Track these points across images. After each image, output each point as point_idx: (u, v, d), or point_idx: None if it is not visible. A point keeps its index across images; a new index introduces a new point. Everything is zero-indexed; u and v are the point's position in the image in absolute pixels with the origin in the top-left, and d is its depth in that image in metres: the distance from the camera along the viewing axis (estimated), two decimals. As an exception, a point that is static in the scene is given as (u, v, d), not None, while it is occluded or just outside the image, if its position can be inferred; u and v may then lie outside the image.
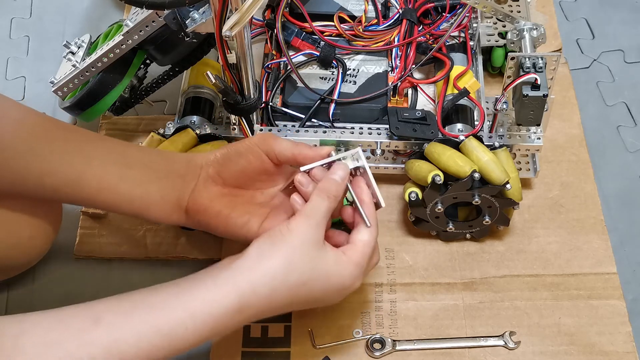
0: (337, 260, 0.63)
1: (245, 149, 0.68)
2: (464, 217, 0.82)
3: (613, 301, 0.79)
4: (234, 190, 0.69)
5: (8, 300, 0.82)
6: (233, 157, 0.68)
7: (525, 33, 0.82)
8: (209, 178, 0.68)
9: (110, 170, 0.67)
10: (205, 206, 0.68)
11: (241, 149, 0.68)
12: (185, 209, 0.69)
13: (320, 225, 0.62)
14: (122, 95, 0.82)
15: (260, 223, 0.67)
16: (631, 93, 0.97)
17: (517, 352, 0.76)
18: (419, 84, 0.84)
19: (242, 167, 0.68)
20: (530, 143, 0.80)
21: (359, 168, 0.67)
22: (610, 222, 0.85)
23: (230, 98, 0.73)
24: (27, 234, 0.71)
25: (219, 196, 0.68)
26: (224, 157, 0.69)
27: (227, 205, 0.68)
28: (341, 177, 0.65)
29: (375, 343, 0.76)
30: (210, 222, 0.68)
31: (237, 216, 0.67)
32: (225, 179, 0.69)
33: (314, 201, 0.63)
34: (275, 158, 0.68)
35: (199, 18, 0.66)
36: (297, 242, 0.61)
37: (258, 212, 0.68)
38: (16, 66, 1.04)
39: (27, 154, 0.64)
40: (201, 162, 0.69)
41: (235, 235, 0.68)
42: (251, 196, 0.70)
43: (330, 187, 0.64)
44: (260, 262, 0.60)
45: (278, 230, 0.62)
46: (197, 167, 0.69)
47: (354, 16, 0.88)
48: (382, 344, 0.76)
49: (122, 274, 0.84)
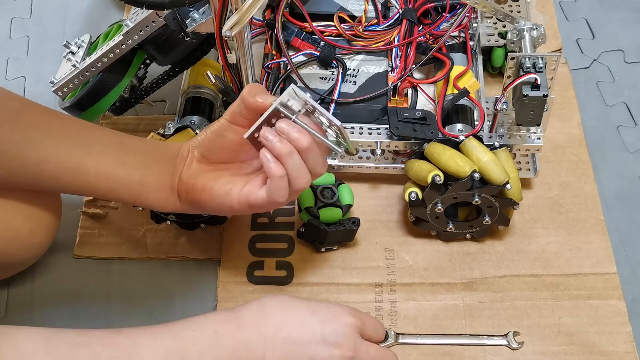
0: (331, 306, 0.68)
1: (220, 127, 0.67)
2: (464, 217, 0.82)
3: (613, 301, 0.79)
4: (219, 166, 0.69)
5: (8, 299, 0.82)
6: (211, 138, 0.68)
7: (525, 33, 0.82)
8: (194, 159, 0.69)
9: (109, 156, 0.68)
10: (192, 184, 0.68)
11: (217, 129, 0.68)
12: (177, 193, 0.69)
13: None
14: (122, 95, 0.82)
15: (241, 187, 0.66)
16: (631, 93, 0.97)
17: (517, 352, 0.76)
18: (419, 84, 0.84)
19: (220, 144, 0.68)
20: (530, 143, 0.80)
21: (305, 105, 0.62)
22: (610, 222, 0.85)
23: (230, 98, 0.73)
24: (27, 228, 0.72)
25: (202, 173, 0.68)
26: (204, 139, 0.68)
27: (210, 178, 0.68)
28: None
29: None
30: (200, 199, 0.68)
31: (220, 186, 0.67)
32: (210, 159, 0.69)
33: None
34: (244, 120, 0.65)
35: (199, 18, 0.66)
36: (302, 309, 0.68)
37: (241, 180, 0.67)
38: (16, 66, 1.04)
39: (25, 144, 0.65)
40: (187, 146, 0.70)
41: (223, 207, 0.67)
42: (238, 168, 0.69)
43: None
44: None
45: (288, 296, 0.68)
46: (185, 151, 0.70)
47: (354, 16, 0.88)
48: (385, 336, 0.76)
49: (122, 274, 0.84)
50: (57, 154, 0.66)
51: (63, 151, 0.66)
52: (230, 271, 0.83)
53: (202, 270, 0.84)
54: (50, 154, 0.66)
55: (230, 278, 0.82)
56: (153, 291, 0.83)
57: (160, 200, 0.70)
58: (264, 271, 0.83)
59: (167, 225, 0.83)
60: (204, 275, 0.83)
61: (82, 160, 0.67)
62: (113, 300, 0.82)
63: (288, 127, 0.62)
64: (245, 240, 0.84)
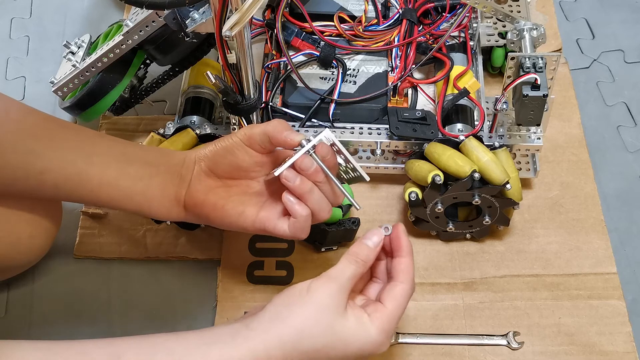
0: (358, 326, 0.60)
1: (231, 145, 0.67)
2: (464, 217, 0.82)
3: (613, 301, 0.79)
4: (229, 181, 0.69)
5: (8, 300, 0.82)
6: (221, 153, 0.68)
7: (525, 33, 0.82)
8: (202, 172, 0.69)
9: (111, 166, 0.67)
10: (201, 200, 0.68)
11: (228, 146, 0.67)
12: (183, 204, 0.69)
13: (343, 289, 0.60)
14: (122, 95, 0.82)
15: (256, 213, 0.67)
16: (631, 93, 0.97)
17: (517, 352, 0.76)
18: (419, 84, 0.84)
19: (230, 162, 0.68)
20: (530, 143, 0.80)
21: (333, 145, 0.64)
22: (610, 222, 0.85)
23: (230, 98, 0.73)
24: (27, 233, 0.72)
25: (213, 188, 0.68)
26: (215, 154, 0.68)
27: (222, 196, 0.68)
28: (375, 243, 0.63)
29: None
30: (208, 215, 0.68)
31: (232, 207, 0.67)
32: (218, 173, 0.69)
33: (341, 264, 0.62)
34: (261, 148, 0.67)
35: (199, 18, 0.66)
36: (312, 308, 0.59)
37: (253, 202, 0.68)
38: (16, 66, 1.04)
39: (28, 154, 0.64)
40: (194, 157, 0.69)
41: (233, 226, 0.68)
42: (247, 185, 0.69)
43: (360, 252, 0.62)
44: (273, 325, 0.59)
45: (298, 290, 0.61)
46: (192, 163, 0.69)
47: (354, 16, 0.88)
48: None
49: (122, 274, 0.84)
50: (60, 163, 0.66)
51: (66, 161, 0.66)
52: (230, 271, 0.83)
53: (202, 270, 0.84)
54: (52, 164, 0.65)
55: (230, 278, 0.82)
56: (153, 291, 0.83)
57: (164, 210, 0.69)
58: (264, 271, 0.83)
59: (167, 225, 0.83)
60: (204, 275, 0.83)
61: (85, 170, 0.66)
62: (113, 300, 0.82)
63: (309, 164, 0.63)
64: (245, 240, 0.84)
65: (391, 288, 0.63)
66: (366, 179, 0.65)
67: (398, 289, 0.62)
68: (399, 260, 0.64)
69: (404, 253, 0.64)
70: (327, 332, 0.59)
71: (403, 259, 0.64)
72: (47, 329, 0.80)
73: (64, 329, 0.80)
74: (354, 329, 0.60)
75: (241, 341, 0.59)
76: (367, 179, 0.65)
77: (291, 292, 0.61)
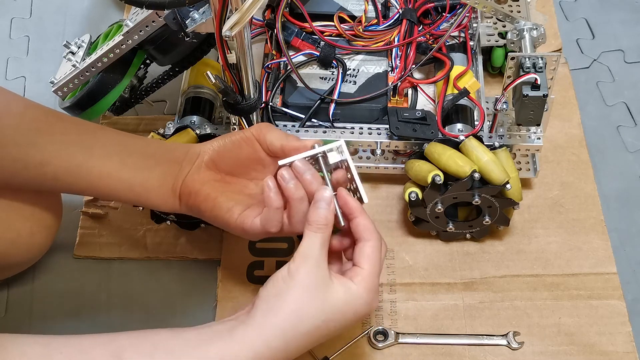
0: (347, 293, 0.61)
1: (240, 138, 0.68)
2: (464, 217, 0.82)
3: (613, 301, 0.79)
4: (227, 177, 0.70)
5: (8, 299, 0.82)
6: (228, 146, 0.69)
7: (525, 33, 0.82)
8: (203, 164, 0.69)
9: (112, 157, 0.68)
10: (196, 189, 0.68)
11: (237, 139, 0.68)
12: (178, 194, 0.70)
13: (320, 262, 0.61)
14: (122, 95, 0.82)
15: (241, 211, 0.67)
16: (631, 93, 0.97)
17: (517, 352, 0.76)
18: (419, 84, 0.84)
19: (235, 155, 0.69)
20: (530, 143, 0.80)
21: (343, 161, 0.65)
22: (610, 222, 0.85)
23: (230, 98, 0.73)
24: (27, 229, 0.72)
25: (210, 181, 0.69)
26: (220, 146, 0.69)
27: (217, 189, 0.68)
28: (326, 202, 0.63)
29: (378, 335, 0.77)
30: (200, 206, 0.68)
31: (224, 201, 0.68)
32: (219, 166, 0.69)
33: (307, 238, 0.61)
34: (267, 148, 0.68)
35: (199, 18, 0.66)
36: (301, 290, 0.59)
37: (244, 202, 0.68)
38: (16, 66, 1.04)
39: (28, 146, 0.65)
40: (199, 149, 0.70)
41: (219, 220, 0.68)
42: (244, 185, 0.70)
43: (318, 218, 0.62)
44: (268, 318, 0.59)
45: (280, 277, 0.61)
46: (194, 155, 0.70)
47: (354, 16, 0.88)
48: (385, 336, 0.76)
49: (122, 274, 0.84)
50: (60, 155, 0.66)
51: (65, 153, 0.67)
52: (230, 271, 0.83)
53: (202, 270, 0.84)
54: (52, 156, 0.66)
55: (230, 278, 0.82)
56: (153, 291, 0.83)
57: (162, 200, 0.70)
58: (264, 271, 0.83)
59: (167, 225, 0.83)
60: (204, 275, 0.83)
61: (85, 161, 0.67)
62: (113, 300, 0.82)
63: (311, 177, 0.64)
64: (245, 240, 0.84)
65: (361, 249, 0.63)
66: (365, 201, 0.66)
67: (367, 248, 0.63)
68: (356, 222, 0.64)
69: (357, 213, 0.64)
70: (323, 307, 0.60)
71: (358, 219, 0.64)
72: (47, 328, 0.80)
73: (63, 329, 0.80)
74: (345, 296, 0.60)
75: (239, 338, 0.59)
76: (365, 201, 0.65)
77: (274, 282, 0.61)
